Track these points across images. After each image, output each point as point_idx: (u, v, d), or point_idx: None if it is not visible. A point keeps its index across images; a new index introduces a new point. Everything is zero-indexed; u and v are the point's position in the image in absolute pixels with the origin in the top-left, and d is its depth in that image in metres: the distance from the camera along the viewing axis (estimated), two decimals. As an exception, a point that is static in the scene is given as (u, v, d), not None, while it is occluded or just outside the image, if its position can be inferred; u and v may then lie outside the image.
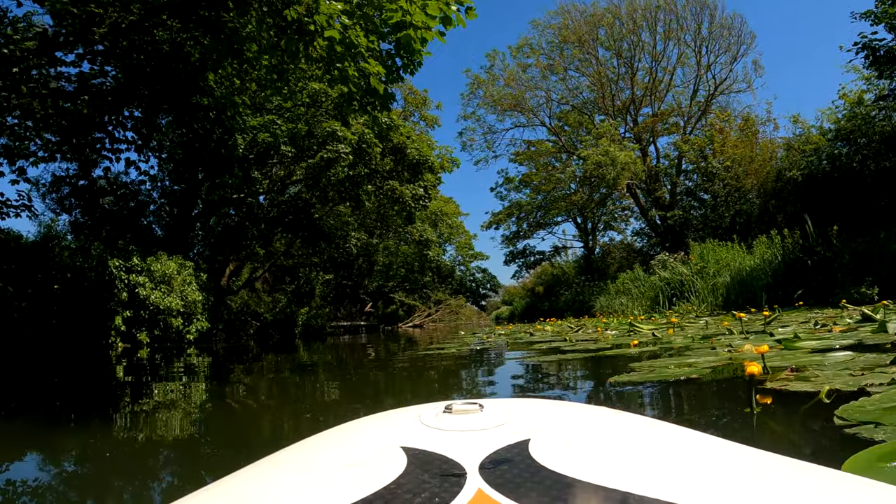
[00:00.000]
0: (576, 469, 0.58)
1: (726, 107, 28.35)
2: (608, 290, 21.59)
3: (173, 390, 4.05)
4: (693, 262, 15.65)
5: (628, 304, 17.46)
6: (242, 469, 0.77)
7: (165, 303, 11.28)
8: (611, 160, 20.76)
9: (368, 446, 0.75)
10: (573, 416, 0.86)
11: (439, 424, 0.77)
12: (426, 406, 0.90)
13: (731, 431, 1.68)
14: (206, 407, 3.26)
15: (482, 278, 52.27)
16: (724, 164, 20.66)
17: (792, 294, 10.99)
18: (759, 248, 13.87)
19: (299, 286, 23.03)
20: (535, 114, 30.20)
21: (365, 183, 13.12)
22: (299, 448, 0.83)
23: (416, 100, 24.62)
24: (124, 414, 3.06)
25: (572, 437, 0.72)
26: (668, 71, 29.18)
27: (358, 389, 3.71)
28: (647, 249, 29.49)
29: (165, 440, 2.31)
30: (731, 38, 28.46)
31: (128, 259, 11.56)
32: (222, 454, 2.07)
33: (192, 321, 12.01)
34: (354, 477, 0.62)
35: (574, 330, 7.72)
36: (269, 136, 12.35)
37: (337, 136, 12.04)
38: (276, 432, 2.46)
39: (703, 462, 0.66)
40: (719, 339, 3.88)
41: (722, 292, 12.88)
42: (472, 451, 0.65)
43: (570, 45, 29.30)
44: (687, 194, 25.30)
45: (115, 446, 2.23)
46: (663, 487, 0.54)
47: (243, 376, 5.30)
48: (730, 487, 0.57)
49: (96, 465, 1.96)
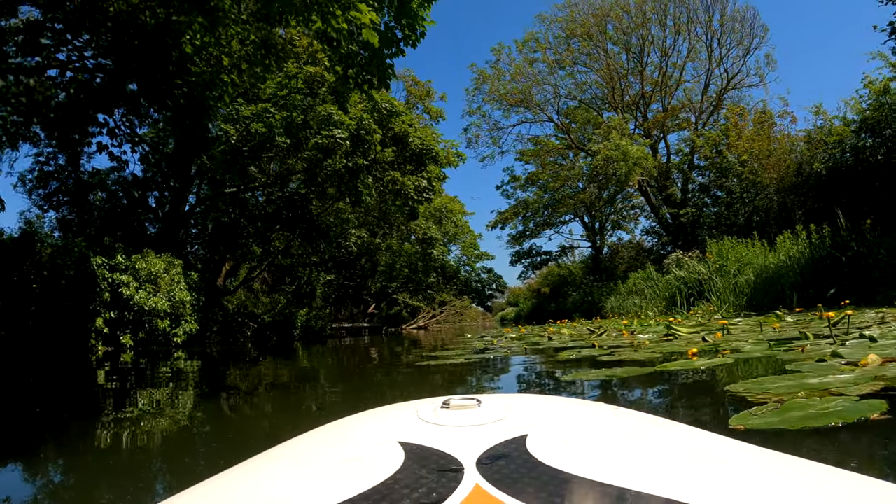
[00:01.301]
0: (573, 465, 0.58)
1: (739, 102, 27.53)
2: (619, 290, 20.94)
3: (149, 399, 3.72)
4: (711, 261, 14.84)
5: (642, 304, 16.71)
6: (240, 464, 0.76)
7: (151, 303, 10.54)
8: (622, 155, 19.90)
9: (366, 441, 0.74)
10: (571, 411, 0.86)
11: (437, 420, 0.76)
12: (424, 401, 0.88)
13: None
14: (180, 421, 2.87)
15: (487, 278, 51.37)
16: (741, 159, 19.79)
17: (824, 293, 10.23)
18: (784, 245, 13.09)
19: (300, 287, 22.37)
20: (542, 109, 29.39)
21: (364, 174, 12.24)
22: (297, 443, 0.82)
23: (420, 91, 23.72)
24: (91, 427, 2.78)
25: (570, 433, 0.72)
26: (677, 66, 28.38)
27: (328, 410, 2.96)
28: (657, 249, 28.80)
29: (133, 456, 2.10)
30: (744, 31, 27.62)
31: (112, 257, 10.83)
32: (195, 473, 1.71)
33: (181, 323, 11.24)
34: (352, 472, 0.62)
35: (597, 333, 6.84)
36: (263, 127, 11.57)
37: (333, 120, 11.18)
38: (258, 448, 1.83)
39: (701, 458, 0.65)
40: (791, 344, 3.11)
41: (746, 291, 12.08)
42: (469, 446, 0.65)
43: (577, 39, 28.52)
44: (701, 190, 24.46)
45: (76, 462, 2.05)
46: (660, 483, 0.53)
47: (225, 390, 4.55)
48: (727, 484, 0.56)
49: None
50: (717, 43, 27.73)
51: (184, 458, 2.07)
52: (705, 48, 27.99)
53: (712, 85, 28.00)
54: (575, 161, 29.74)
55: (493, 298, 55.54)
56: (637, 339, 4.98)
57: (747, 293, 12.03)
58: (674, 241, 24.88)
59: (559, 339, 6.66)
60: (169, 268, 11.52)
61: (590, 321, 14.15)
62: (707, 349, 3.59)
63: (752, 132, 20.97)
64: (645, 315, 14.39)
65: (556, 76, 29.20)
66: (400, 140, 12.64)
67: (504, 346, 6.40)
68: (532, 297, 42.69)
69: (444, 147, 14.60)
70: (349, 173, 11.81)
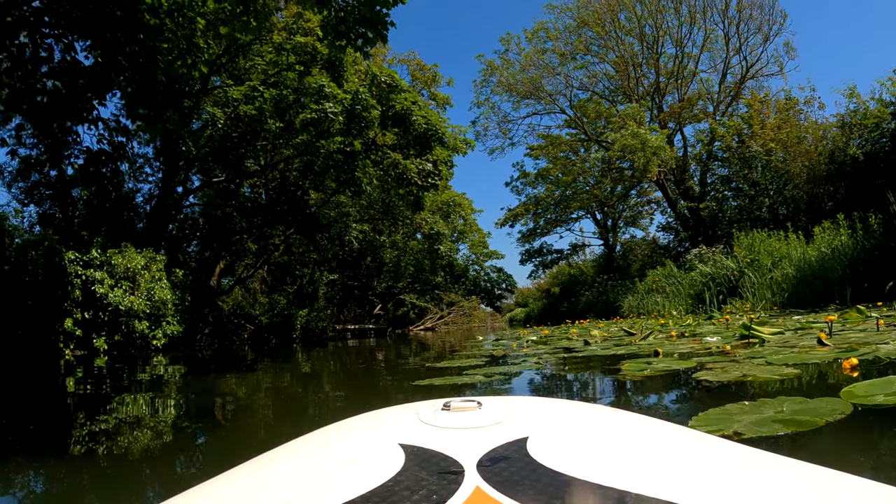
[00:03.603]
0: (574, 467, 0.58)
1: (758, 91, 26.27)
2: (636, 288, 19.86)
3: (94, 414, 3.29)
4: (741, 255, 13.70)
5: (664, 303, 15.58)
6: (240, 465, 0.76)
7: (126, 302, 9.52)
8: (640, 144, 18.71)
9: (366, 443, 0.74)
10: (572, 414, 0.85)
11: (438, 422, 0.76)
12: (425, 403, 0.88)
13: None
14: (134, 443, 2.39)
15: (497, 278, 50.06)
16: (767, 147, 18.56)
17: (881, 287, 9.13)
18: (824, 237, 11.94)
19: (301, 287, 21.41)
20: (553, 100, 28.21)
21: (362, 158, 11.01)
22: (297, 444, 0.82)
23: (426, 76, 22.45)
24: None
25: (570, 435, 0.72)
26: (692, 57, 27.19)
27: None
28: (674, 246, 27.68)
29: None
30: (762, 18, 26.41)
31: (85, 251, 9.84)
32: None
33: (161, 324, 10.21)
34: (352, 474, 0.61)
35: (640, 335, 5.56)
36: (252, 109, 10.50)
37: (324, 93, 9.98)
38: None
39: (701, 461, 0.65)
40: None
41: (786, 287, 10.93)
42: (470, 448, 0.64)
43: (588, 28, 27.40)
44: (722, 182, 23.24)
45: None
46: (661, 486, 0.53)
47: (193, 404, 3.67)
48: (727, 486, 0.56)
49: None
50: (735, 30, 26.57)
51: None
52: (722, 36, 26.86)
53: (729, 75, 26.85)
54: (587, 154, 28.58)
55: (503, 299, 54.26)
56: (707, 342, 3.82)
57: (787, 289, 10.87)
58: (693, 236, 23.70)
59: (594, 342, 5.45)
60: (150, 264, 10.50)
61: (610, 321, 13.04)
62: (823, 358, 2.47)
63: (778, 119, 19.75)
64: (668, 314, 13.30)
65: (568, 67, 28.06)
66: (402, 120, 11.34)
67: (528, 353, 4.94)
68: (542, 298, 41.72)
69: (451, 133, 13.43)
70: (345, 157, 10.63)
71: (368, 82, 10.96)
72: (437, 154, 11.66)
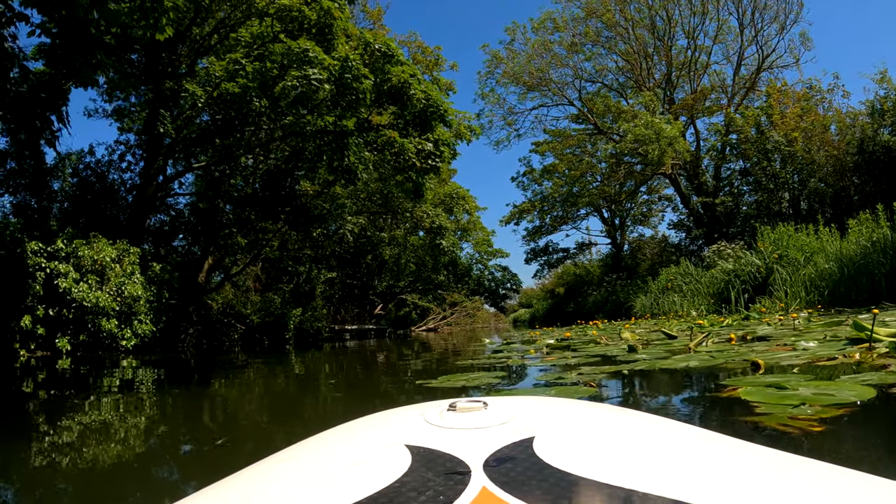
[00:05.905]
0: (580, 466, 0.57)
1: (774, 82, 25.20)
2: (649, 287, 18.83)
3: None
4: (767, 251, 12.66)
5: (682, 302, 14.55)
6: (248, 467, 0.75)
7: (92, 298, 8.55)
8: (655, 134, 17.65)
9: (373, 444, 0.74)
10: (578, 413, 0.84)
11: (443, 422, 0.75)
12: (430, 404, 0.87)
13: None
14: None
15: (502, 277, 48.91)
16: (790, 137, 17.49)
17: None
18: (863, 229, 10.93)
19: (298, 285, 20.45)
20: (561, 91, 27.17)
21: (354, 137, 9.91)
22: (304, 446, 0.81)
23: (427, 59, 21.34)
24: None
25: (577, 435, 0.71)
26: (704, 49, 26.16)
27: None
28: (686, 243, 26.64)
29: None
30: (778, 6, 25.35)
31: (50, 242, 8.88)
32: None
33: (131, 323, 9.23)
34: (359, 475, 0.61)
35: (693, 341, 4.20)
36: (235, 87, 9.50)
37: (308, 58, 8.87)
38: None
39: (709, 459, 0.64)
40: None
41: (825, 284, 9.90)
42: (476, 448, 0.64)
43: (597, 18, 26.36)
44: (741, 174, 22.14)
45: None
46: (668, 485, 0.53)
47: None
48: (735, 485, 0.55)
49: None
50: (749, 19, 25.53)
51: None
52: (736, 27, 25.83)
53: (743, 67, 25.81)
54: (595, 149, 27.52)
55: (507, 299, 53.13)
56: (806, 349, 2.76)
57: (827, 286, 9.84)
58: (707, 233, 22.65)
59: (640, 347, 4.31)
60: (122, 257, 9.53)
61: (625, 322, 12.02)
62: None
63: (799, 108, 18.68)
64: (687, 314, 12.29)
65: (576, 58, 27.02)
66: (399, 95, 10.23)
67: (556, 363, 3.71)
68: (546, 298, 40.61)
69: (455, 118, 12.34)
70: (335, 137, 9.58)
71: (361, 50, 9.93)
72: (439, 134, 10.59)
